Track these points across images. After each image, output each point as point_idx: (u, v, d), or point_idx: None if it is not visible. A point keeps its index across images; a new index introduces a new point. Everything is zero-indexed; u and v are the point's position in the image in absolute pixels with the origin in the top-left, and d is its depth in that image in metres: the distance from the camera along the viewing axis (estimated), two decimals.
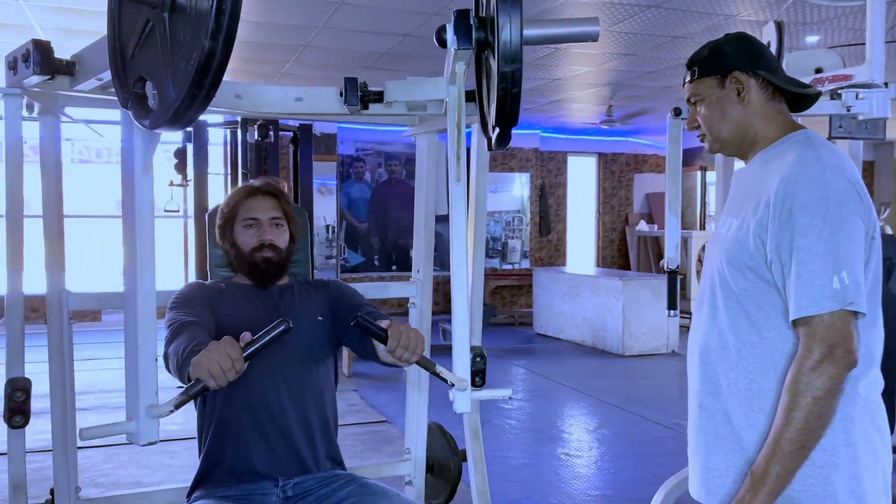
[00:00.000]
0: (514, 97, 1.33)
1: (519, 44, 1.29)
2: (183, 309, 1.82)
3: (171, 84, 1.17)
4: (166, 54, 1.19)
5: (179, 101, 1.14)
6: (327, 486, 1.87)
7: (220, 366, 1.40)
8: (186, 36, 1.14)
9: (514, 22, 1.27)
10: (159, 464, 4.24)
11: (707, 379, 1.48)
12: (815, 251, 1.30)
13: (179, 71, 1.15)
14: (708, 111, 1.54)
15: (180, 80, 1.14)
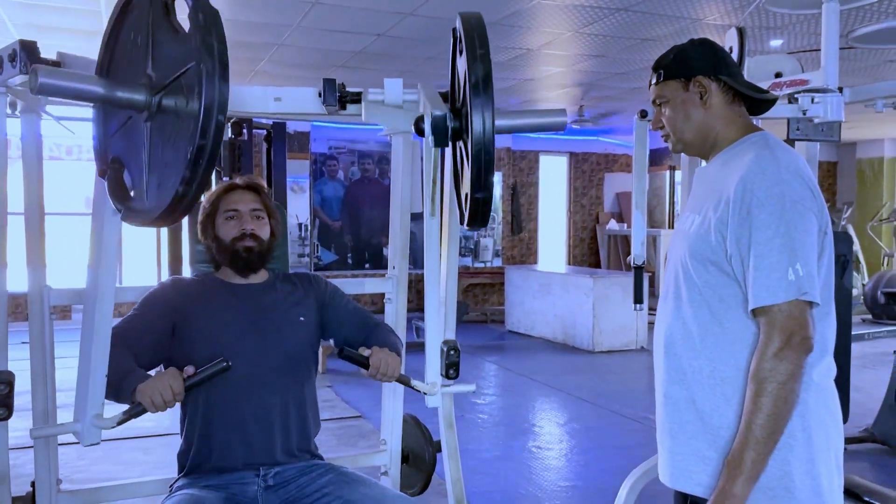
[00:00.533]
0: (486, 203, 1.41)
1: (491, 141, 1.36)
2: (135, 319, 1.90)
3: (145, 193, 1.25)
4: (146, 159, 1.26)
5: (152, 214, 1.22)
6: (307, 474, 1.94)
7: (162, 397, 1.62)
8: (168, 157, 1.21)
9: (487, 120, 1.34)
10: (134, 460, 4.26)
11: (672, 368, 1.56)
12: (771, 245, 1.39)
13: (151, 186, 1.24)
14: (672, 113, 1.62)
15: (152, 196, 1.22)
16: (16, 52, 1.62)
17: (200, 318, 1.94)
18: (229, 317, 1.96)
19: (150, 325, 1.92)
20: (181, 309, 1.95)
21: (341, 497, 1.86)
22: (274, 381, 1.95)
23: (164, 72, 1.23)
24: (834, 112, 2.13)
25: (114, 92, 1.23)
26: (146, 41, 1.25)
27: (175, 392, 1.64)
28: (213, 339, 1.92)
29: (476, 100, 1.34)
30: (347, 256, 10.31)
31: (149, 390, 1.62)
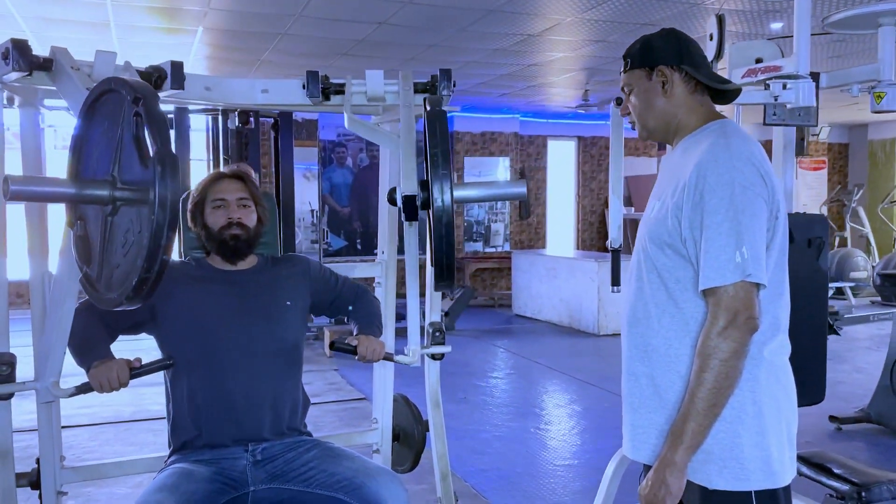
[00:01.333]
0: (449, 263, 1.59)
1: (450, 212, 1.56)
2: None
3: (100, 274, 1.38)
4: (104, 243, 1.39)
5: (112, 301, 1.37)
6: (294, 450, 2.03)
7: (109, 383, 1.82)
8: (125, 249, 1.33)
9: (445, 193, 1.55)
10: (144, 441, 4.39)
11: (634, 346, 1.63)
12: (720, 229, 1.45)
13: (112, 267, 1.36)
14: (637, 100, 1.68)
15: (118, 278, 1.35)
16: (8, 50, 1.71)
17: (188, 301, 2.03)
18: (218, 301, 2.06)
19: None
20: (165, 292, 2.04)
21: (325, 470, 1.95)
22: (262, 363, 2.04)
23: (126, 178, 1.35)
24: (805, 98, 2.17)
25: (82, 192, 1.36)
26: (116, 142, 1.36)
27: (121, 381, 1.83)
28: (201, 322, 2.02)
29: (435, 183, 1.56)
30: (357, 242, 10.42)
31: (99, 375, 1.82)
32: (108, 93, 1.39)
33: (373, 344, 2.08)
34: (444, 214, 1.52)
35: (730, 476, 1.48)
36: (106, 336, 1.95)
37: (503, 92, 9.02)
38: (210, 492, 1.86)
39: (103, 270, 1.38)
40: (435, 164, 1.55)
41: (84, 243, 1.46)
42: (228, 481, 1.92)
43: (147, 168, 1.26)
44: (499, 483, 3.67)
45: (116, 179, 1.33)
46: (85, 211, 1.46)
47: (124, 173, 1.34)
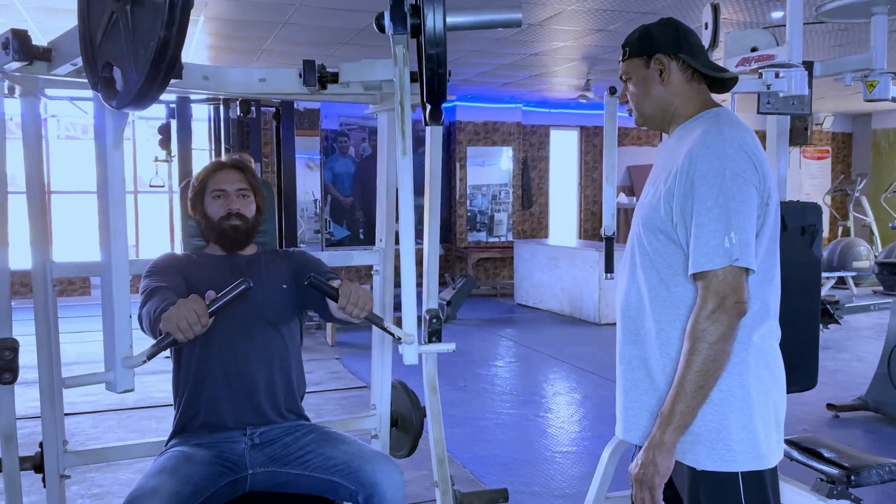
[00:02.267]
0: (440, 77, 1.50)
1: (442, 30, 1.45)
2: (156, 276, 2.00)
3: (134, 69, 1.34)
4: (129, 42, 1.35)
5: (141, 84, 1.30)
6: (291, 434, 2.06)
7: (186, 320, 1.59)
8: (145, 26, 1.30)
9: (438, 10, 1.44)
10: (147, 428, 4.44)
11: (628, 330, 1.66)
12: (710, 215, 1.48)
13: (140, 57, 1.31)
14: (634, 88, 1.70)
15: (141, 66, 1.31)
16: (8, 40, 1.74)
17: (195, 285, 2.05)
18: (217, 285, 2.07)
19: (174, 276, 2.04)
20: (181, 273, 2.07)
21: (322, 454, 1.98)
22: (258, 345, 2.07)
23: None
24: (797, 86, 2.18)
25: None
26: None
27: (199, 314, 1.60)
28: None
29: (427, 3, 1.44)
30: (359, 232, 10.45)
31: (173, 316, 1.60)
32: None
33: (359, 289, 1.77)
34: (435, 37, 1.46)
35: (717, 457, 1.51)
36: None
37: (505, 82, 9.02)
38: (209, 474, 1.89)
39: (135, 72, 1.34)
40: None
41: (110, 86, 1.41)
42: (227, 464, 1.96)
43: None
44: (497, 469, 3.71)
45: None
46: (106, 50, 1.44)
47: None
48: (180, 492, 1.77)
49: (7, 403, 2.06)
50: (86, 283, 9.48)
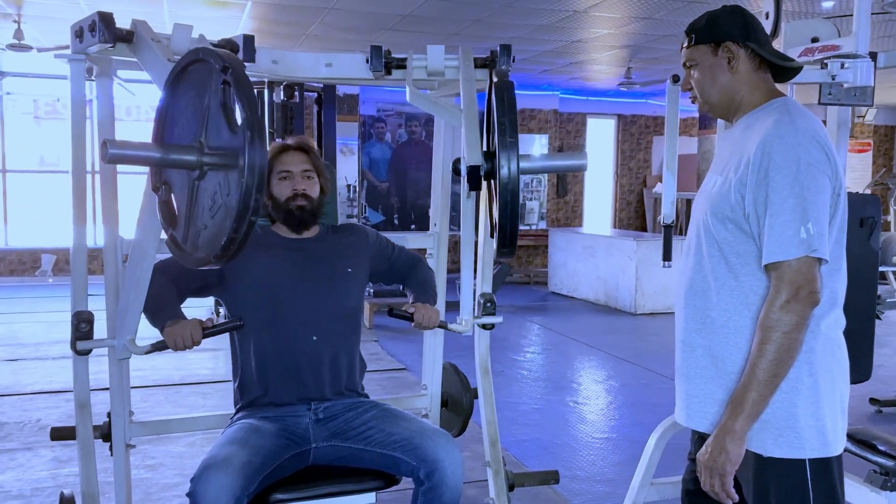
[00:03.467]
0: (513, 232, 1.64)
1: (516, 180, 1.58)
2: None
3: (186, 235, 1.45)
4: (191, 206, 1.46)
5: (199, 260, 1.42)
6: (353, 410, 2.12)
7: (182, 341, 1.91)
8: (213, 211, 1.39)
9: (512, 162, 1.58)
10: (193, 403, 4.55)
11: (691, 317, 1.68)
12: (786, 205, 1.49)
13: (199, 228, 1.43)
14: (700, 76, 1.70)
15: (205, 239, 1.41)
16: (95, 22, 1.80)
17: (257, 266, 2.12)
18: (283, 267, 2.15)
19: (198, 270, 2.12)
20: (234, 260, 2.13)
21: (384, 430, 2.04)
22: (324, 326, 2.13)
23: (213, 144, 1.40)
24: (863, 77, 2.17)
25: (169, 156, 1.42)
26: (203, 109, 1.41)
27: (194, 339, 1.91)
28: (268, 286, 2.11)
29: (503, 152, 1.58)
30: (394, 217, 10.51)
31: (174, 333, 1.91)
32: (195, 62, 1.46)
33: (429, 312, 2.19)
34: (510, 183, 1.55)
35: (785, 444, 1.52)
36: (176, 297, 2.04)
37: (544, 69, 8.99)
38: (276, 447, 1.96)
39: (189, 232, 1.46)
40: (502, 133, 1.59)
41: (168, 207, 1.54)
42: (292, 437, 2.02)
43: (235, 134, 1.33)
44: (539, 453, 3.75)
45: (204, 145, 1.41)
46: (170, 176, 1.54)
47: (211, 140, 1.41)
48: (251, 461, 1.84)
49: (82, 374, 2.14)
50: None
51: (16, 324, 7.10)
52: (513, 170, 1.55)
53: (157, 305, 1.98)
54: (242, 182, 1.28)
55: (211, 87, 1.40)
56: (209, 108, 1.41)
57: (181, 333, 1.90)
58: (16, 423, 4.12)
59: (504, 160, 1.56)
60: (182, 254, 1.49)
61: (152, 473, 3.40)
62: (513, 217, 1.59)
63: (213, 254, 1.36)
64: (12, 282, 9.70)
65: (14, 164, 9.97)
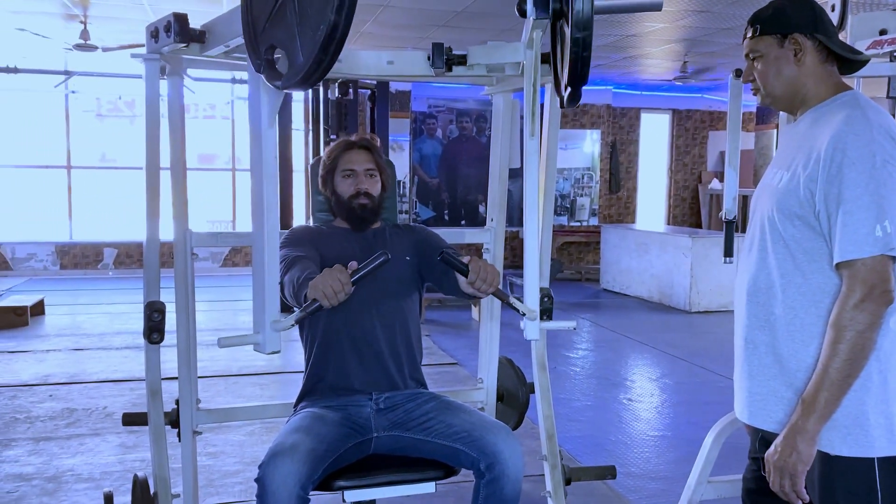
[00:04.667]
0: (584, 60, 1.53)
1: (590, 13, 1.48)
2: (293, 247, 2.12)
3: (301, 52, 1.42)
4: (296, 26, 1.43)
5: (308, 66, 1.38)
6: (413, 401, 2.16)
7: (332, 288, 1.70)
8: (313, 10, 1.38)
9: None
10: (251, 394, 4.66)
11: (754, 315, 1.65)
12: (860, 203, 1.45)
13: (307, 40, 1.39)
14: (764, 67, 1.67)
15: (308, 48, 1.39)
16: (170, 23, 1.87)
17: (326, 255, 2.17)
18: (347, 257, 2.18)
19: (309, 247, 2.15)
20: (314, 244, 2.19)
21: (444, 421, 2.07)
22: (385, 315, 2.17)
23: None
24: None
25: None
26: None
27: (343, 282, 1.70)
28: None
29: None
30: (444, 213, 10.56)
31: (320, 284, 1.71)
32: None
33: (487, 265, 1.82)
34: (582, 20, 1.46)
35: (853, 443, 1.50)
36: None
37: (597, 63, 8.91)
38: (339, 435, 2.00)
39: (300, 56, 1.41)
40: None
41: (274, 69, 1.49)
42: (355, 426, 2.07)
43: None
44: (593, 449, 3.75)
45: None
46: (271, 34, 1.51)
47: None
48: (316, 449, 1.89)
49: (154, 362, 2.23)
50: None
51: (80, 315, 7.35)
52: (587, 4, 1.46)
53: (296, 284, 1.87)
54: None
55: None
56: None
57: (329, 282, 1.69)
58: (84, 410, 4.29)
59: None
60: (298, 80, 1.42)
61: (214, 461, 3.50)
62: (585, 52, 1.49)
63: (318, 46, 1.31)
64: (76, 274, 10.05)
65: (78, 161, 10.32)
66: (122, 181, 10.38)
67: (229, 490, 3.19)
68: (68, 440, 3.79)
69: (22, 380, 4.91)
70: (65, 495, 3.13)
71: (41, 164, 10.14)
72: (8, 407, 4.32)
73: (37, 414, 4.21)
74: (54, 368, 5.22)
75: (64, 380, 4.94)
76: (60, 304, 7.77)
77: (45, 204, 10.19)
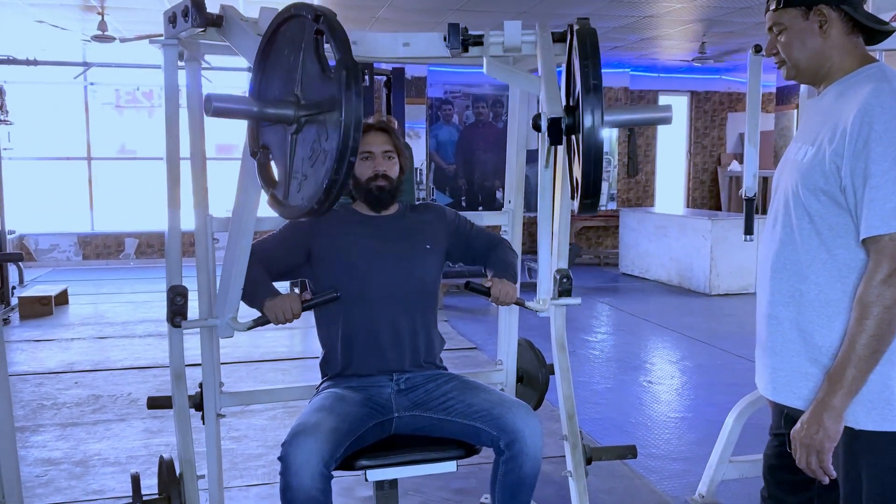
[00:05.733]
0: (595, 182, 1.59)
1: (598, 136, 1.52)
2: (274, 239, 2.23)
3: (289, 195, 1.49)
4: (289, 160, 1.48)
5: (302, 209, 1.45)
6: (433, 381, 2.18)
7: (283, 315, 2.00)
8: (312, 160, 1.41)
9: (596, 114, 1.51)
10: (273, 379, 4.71)
11: (778, 291, 1.64)
12: (887, 177, 1.43)
13: (294, 192, 1.45)
14: (788, 40, 1.63)
15: (307, 188, 1.43)
16: (188, 8, 1.88)
17: (339, 244, 2.19)
18: (365, 244, 2.21)
19: (284, 245, 2.23)
20: (319, 234, 2.21)
21: (464, 401, 2.08)
22: (404, 301, 2.19)
23: (309, 96, 1.44)
24: None
25: (267, 111, 1.48)
26: (297, 64, 1.46)
27: (294, 312, 2.01)
28: (350, 264, 2.18)
29: (587, 103, 1.51)
30: (461, 199, 10.53)
31: (275, 307, 2.00)
32: (287, 20, 1.50)
33: (506, 287, 2.17)
34: (593, 133, 1.50)
35: (878, 417, 1.49)
36: (269, 279, 2.13)
37: (615, 45, 8.83)
38: (361, 415, 2.02)
39: (290, 186, 1.49)
40: (586, 81, 1.52)
41: (266, 170, 1.59)
42: (376, 406, 2.09)
43: (330, 80, 1.35)
44: (613, 431, 3.75)
45: (300, 98, 1.45)
46: (268, 139, 1.58)
47: (306, 92, 1.44)
48: (339, 427, 1.91)
49: (177, 346, 2.25)
50: None
51: (103, 304, 7.45)
52: (597, 116, 1.50)
53: (254, 288, 2.06)
54: (340, 122, 1.30)
55: (304, 40, 1.44)
56: (303, 62, 1.44)
57: (281, 307, 1.99)
58: (109, 396, 4.36)
59: (588, 106, 1.50)
60: (285, 208, 1.51)
61: (237, 444, 3.54)
62: (596, 170, 1.54)
63: (315, 198, 1.38)
64: (98, 265, 10.17)
65: (98, 152, 10.42)
66: (141, 172, 10.47)
67: (252, 473, 3.24)
68: (94, 426, 3.85)
69: (48, 367, 4.99)
70: (92, 478, 3.19)
71: (62, 157, 10.25)
72: (35, 394, 4.39)
73: (63, 400, 4.28)
74: (79, 356, 5.30)
75: (89, 367, 5.01)
76: (83, 293, 7.88)
77: (66, 195, 10.31)
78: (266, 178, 1.57)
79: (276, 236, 2.24)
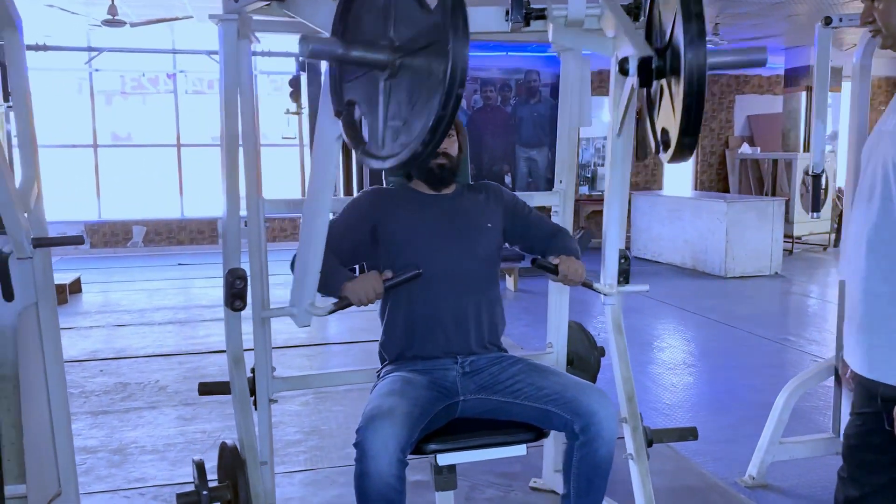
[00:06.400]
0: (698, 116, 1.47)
1: (704, 75, 1.41)
2: (339, 224, 2.14)
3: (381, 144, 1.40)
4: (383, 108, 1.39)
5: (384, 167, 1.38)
6: (497, 364, 2.14)
7: (366, 295, 1.94)
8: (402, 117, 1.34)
9: (700, 53, 1.38)
10: (300, 364, 4.67)
11: (877, 266, 1.58)
12: None
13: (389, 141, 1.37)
14: (886, 7, 1.56)
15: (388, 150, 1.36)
16: None
17: (400, 225, 2.15)
18: (426, 224, 2.16)
19: (350, 229, 2.16)
20: (381, 215, 2.16)
21: (533, 384, 2.04)
22: (467, 281, 2.14)
23: (404, 37, 1.34)
24: None
25: (363, 54, 1.37)
26: (389, 9, 1.37)
27: (378, 292, 1.95)
28: (412, 244, 2.13)
29: (690, 46, 1.39)
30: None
31: (356, 289, 1.94)
32: None
33: (574, 264, 2.11)
34: (699, 55, 1.38)
35: None
36: (339, 263, 2.07)
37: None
38: (429, 398, 1.98)
39: (385, 136, 1.41)
40: (687, 7, 1.41)
41: (353, 128, 1.51)
42: (442, 390, 2.05)
43: (431, 13, 1.26)
44: (650, 413, 3.73)
45: (393, 40, 1.36)
46: (354, 93, 1.51)
47: (401, 32, 1.35)
48: (412, 412, 1.87)
49: (236, 329, 2.21)
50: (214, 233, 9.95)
51: (116, 292, 7.39)
52: (700, 56, 1.38)
53: (327, 275, 1.96)
54: (448, 50, 1.19)
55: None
56: (396, 4, 1.35)
57: (363, 287, 1.94)
58: (137, 384, 4.32)
59: (691, 29, 1.38)
60: (382, 159, 1.41)
61: (275, 431, 3.50)
62: (700, 95, 1.43)
63: (420, 140, 1.27)
64: (106, 253, 10.10)
65: (103, 140, 10.32)
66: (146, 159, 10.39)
67: (294, 459, 3.20)
68: (126, 413, 3.82)
69: (71, 355, 4.94)
70: (132, 466, 3.16)
71: (67, 144, 10.15)
72: None
73: (91, 389, 4.24)
74: (100, 344, 5.26)
75: (112, 355, 4.97)
76: (95, 281, 7.82)
77: (72, 183, 10.22)
78: (354, 136, 1.49)
79: (339, 221, 2.18)
